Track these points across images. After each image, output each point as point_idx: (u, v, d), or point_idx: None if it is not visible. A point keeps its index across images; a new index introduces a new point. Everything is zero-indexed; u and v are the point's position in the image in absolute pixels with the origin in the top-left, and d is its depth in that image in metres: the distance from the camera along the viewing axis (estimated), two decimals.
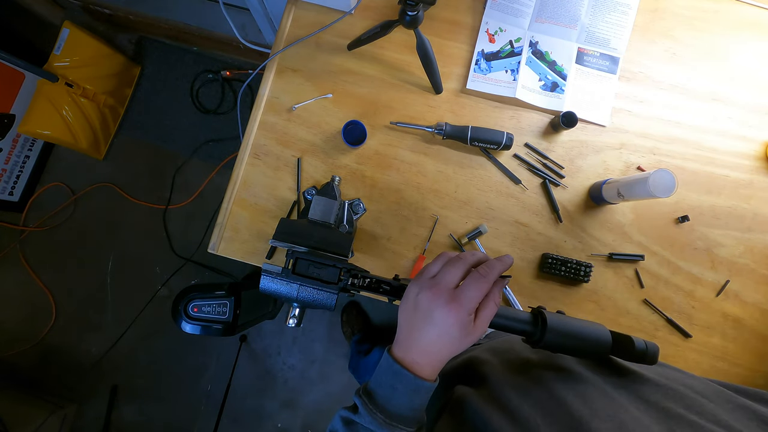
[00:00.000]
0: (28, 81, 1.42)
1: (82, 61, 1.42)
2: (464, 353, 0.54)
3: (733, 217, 0.72)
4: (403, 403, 0.37)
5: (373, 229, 0.73)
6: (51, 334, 1.63)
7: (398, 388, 0.37)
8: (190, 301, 1.09)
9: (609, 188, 0.68)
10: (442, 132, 0.71)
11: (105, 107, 1.55)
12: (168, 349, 1.63)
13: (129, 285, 1.65)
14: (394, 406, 0.37)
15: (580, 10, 0.74)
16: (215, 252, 0.72)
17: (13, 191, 1.57)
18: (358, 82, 0.75)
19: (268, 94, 0.75)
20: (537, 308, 0.43)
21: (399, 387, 0.37)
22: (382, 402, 0.38)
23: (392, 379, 0.38)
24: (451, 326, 0.36)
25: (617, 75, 0.74)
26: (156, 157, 1.66)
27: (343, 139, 0.71)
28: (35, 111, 1.37)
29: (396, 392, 0.37)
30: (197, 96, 1.65)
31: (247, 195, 0.73)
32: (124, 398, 1.62)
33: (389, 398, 0.38)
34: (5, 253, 1.63)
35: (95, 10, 1.53)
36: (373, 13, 0.76)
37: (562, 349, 0.41)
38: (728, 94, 0.74)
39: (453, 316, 0.35)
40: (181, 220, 1.65)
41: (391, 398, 0.38)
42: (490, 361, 0.48)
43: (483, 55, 0.75)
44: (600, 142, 0.74)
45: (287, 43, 0.75)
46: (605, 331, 0.42)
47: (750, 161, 0.73)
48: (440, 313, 0.36)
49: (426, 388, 0.37)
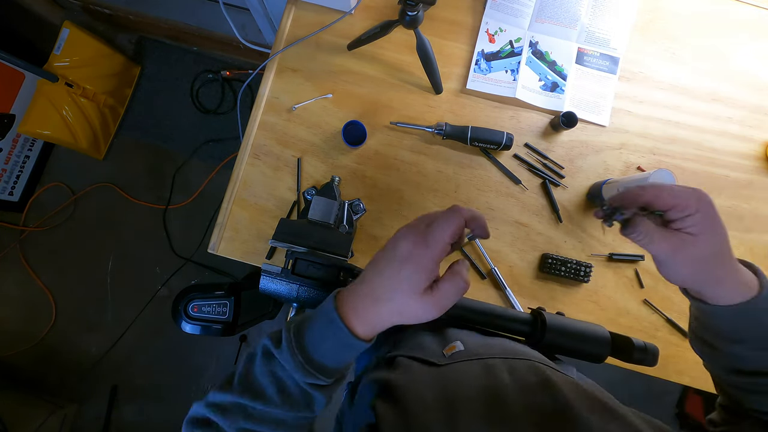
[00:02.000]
0: (28, 81, 1.42)
1: (82, 61, 1.42)
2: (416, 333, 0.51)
3: (733, 217, 0.72)
4: (328, 354, 0.34)
5: (373, 229, 0.73)
6: (51, 334, 1.63)
7: (329, 336, 0.34)
8: (190, 301, 1.10)
9: (609, 188, 0.68)
10: (442, 132, 0.71)
11: (105, 107, 1.55)
12: (168, 349, 1.63)
13: (129, 285, 1.65)
14: (319, 353, 0.34)
15: (580, 10, 0.74)
16: (215, 252, 0.72)
17: (13, 191, 1.57)
18: (358, 82, 0.75)
19: (268, 94, 0.75)
20: (537, 309, 0.43)
21: (330, 336, 0.34)
22: (308, 344, 0.34)
23: (326, 324, 0.34)
24: (408, 270, 0.31)
25: (617, 75, 0.74)
26: (156, 157, 1.66)
27: (343, 139, 0.71)
28: (35, 111, 1.37)
29: (325, 341, 0.34)
30: (197, 96, 1.65)
31: (247, 195, 0.73)
32: (124, 398, 1.62)
33: (316, 344, 0.34)
34: (5, 253, 1.63)
35: (95, 10, 1.53)
36: (373, 13, 0.76)
37: (562, 350, 0.41)
38: (728, 94, 0.74)
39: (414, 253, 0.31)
40: (181, 220, 1.65)
41: (319, 345, 0.34)
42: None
43: (483, 55, 0.75)
44: (600, 142, 0.74)
45: (287, 43, 0.75)
46: (605, 333, 0.42)
47: (750, 161, 0.73)
48: (400, 247, 0.32)
49: (356, 346, 0.34)
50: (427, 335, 0.53)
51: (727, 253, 0.32)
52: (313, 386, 0.34)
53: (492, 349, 0.46)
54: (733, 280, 0.32)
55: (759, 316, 0.31)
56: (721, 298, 0.32)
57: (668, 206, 0.32)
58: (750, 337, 0.32)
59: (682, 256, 0.31)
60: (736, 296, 0.31)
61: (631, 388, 1.51)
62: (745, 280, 0.32)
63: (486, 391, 0.37)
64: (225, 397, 0.35)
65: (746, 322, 0.32)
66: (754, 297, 0.31)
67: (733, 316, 0.32)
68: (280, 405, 0.34)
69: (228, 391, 0.35)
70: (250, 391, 0.35)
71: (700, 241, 0.31)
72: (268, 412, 0.34)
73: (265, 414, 0.34)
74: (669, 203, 0.32)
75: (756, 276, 0.33)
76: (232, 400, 0.35)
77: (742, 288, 0.31)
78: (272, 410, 0.34)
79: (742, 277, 0.32)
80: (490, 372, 0.41)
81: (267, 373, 0.35)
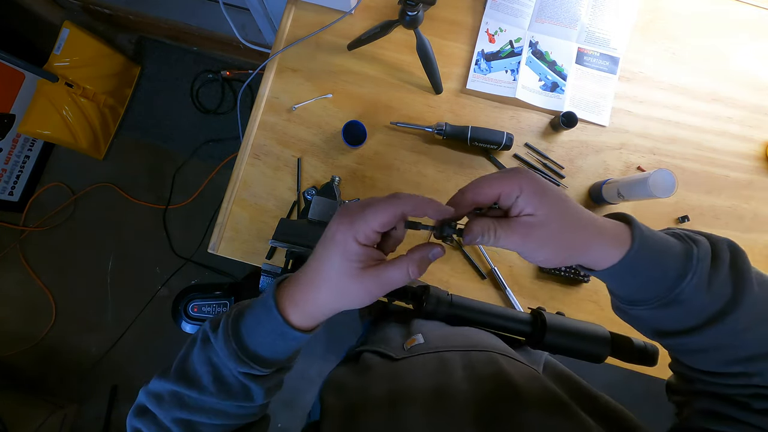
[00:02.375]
0: (28, 81, 1.42)
1: (82, 61, 1.42)
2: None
3: (733, 217, 0.72)
4: (263, 342, 0.32)
5: None
6: (51, 334, 1.63)
7: (264, 325, 0.32)
8: (190, 301, 1.10)
9: (609, 188, 0.68)
10: (442, 132, 0.71)
11: (105, 107, 1.55)
12: (168, 349, 1.63)
13: (129, 285, 1.65)
14: (254, 340, 0.32)
15: (580, 10, 0.74)
16: (215, 252, 0.72)
17: (13, 191, 1.57)
18: (358, 82, 0.75)
19: (268, 94, 0.75)
20: (537, 309, 0.43)
21: (265, 324, 0.32)
22: (243, 332, 0.32)
23: (263, 312, 0.32)
24: (336, 252, 0.29)
25: (617, 75, 0.74)
26: (156, 157, 1.66)
27: (343, 139, 0.71)
28: (35, 111, 1.37)
29: (260, 327, 0.32)
30: (197, 96, 1.65)
31: (247, 195, 0.73)
32: (124, 398, 1.62)
33: (252, 330, 0.32)
34: (5, 253, 1.63)
35: (95, 10, 1.53)
36: (373, 13, 0.76)
37: (562, 350, 0.41)
38: (728, 94, 0.74)
39: (339, 234, 0.29)
40: (181, 220, 1.65)
41: (254, 331, 0.32)
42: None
43: (483, 55, 0.75)
44: (600, 142, 0.74)
45: (287, 43, 0.75)
46: (605, 332, 0.42)
47: (750, 161, 0.73)
48: (331, 228, 0.30)
49: (291, 336, 0.31)
50: (395, 327, 0.53)
51: (580, 217, 0.28)
52: (247, 375, 0.32)
53: (452, 340, 0.46)
54: (601, 241, 0.28)
55: (640, 271, 0.28)
56: (600, 262, 0.29)
57: (493, 197, 0.29)
58: (643, 297, 0.29)
59: (533, 240, 0.28)
60: (613, 255, 0.28)
61: (631, 388, 1.51)
62: (617, 236, 0.28)
63: (435, 385, 0.37)
64: (162, 385, 0.33)
65: (631, 281, 0.29)
66: (628, 251, 0.27)
67: (617, 276, 0.29)
68: (215, 394, 0.32)
69: (165, 378, 0.33)
70: (186, 379, 0.33)
71: (540, 218, 0.28)
72: (204, 401, 0.32)
73: (202, 403, 0.32)
74: (492, 194, 0.29)
75: (629, 227, 0.29)
76: (169, 388, 0.33)
77: (615, 245, 0.28)
78: (208, 399, 0.32)
79: (612, 235, 0.28)
80: (444, 365, 0.40)
81: (204, 361, 0.33)
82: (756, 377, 0.27)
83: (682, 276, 0.27)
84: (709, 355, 0.28)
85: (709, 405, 0.29)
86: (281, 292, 0.32)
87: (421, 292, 0.50)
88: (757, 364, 0.27)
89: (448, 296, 0.49)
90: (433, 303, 0.48)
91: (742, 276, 0.27)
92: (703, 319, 0.27)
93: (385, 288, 0.29)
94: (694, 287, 0.26)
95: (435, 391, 0.37)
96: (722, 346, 0.27)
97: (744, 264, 0.27)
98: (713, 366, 0.29)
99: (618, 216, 0.31)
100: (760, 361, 0.27)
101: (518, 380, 0.36)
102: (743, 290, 0.26)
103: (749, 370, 0.27)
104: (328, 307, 0.31)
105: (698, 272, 0.26)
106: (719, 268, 0.27)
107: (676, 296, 0.27)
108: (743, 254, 0.28)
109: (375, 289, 0.29)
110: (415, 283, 0.55)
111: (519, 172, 0.28)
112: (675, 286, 0.27)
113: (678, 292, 0.27)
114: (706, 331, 0.27)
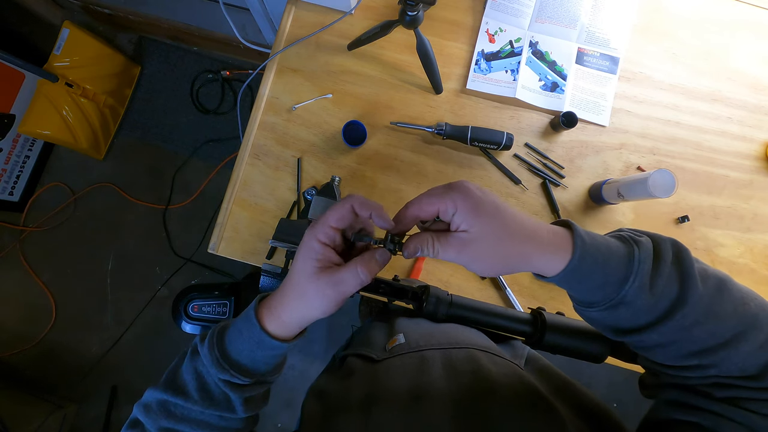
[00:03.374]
0: (28, 81, 1.42)
1: (82, 61, 1.42)
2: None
3: (733, 217, 0.72)
4: (242, 350, 0.34)
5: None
6: (51, 334, 1.63)
7: (243, 332, 0.34)
8: (190, 301, 1.10)
9: (609, 188, 0.68)
10: (442, 132, 0.71)
11: (105, 107, 1.55)
12: (168, 349, 1.63)
13: (129, 285, 1.64)
14: (234, 348, 0.34)
15: (580, 10, 0.74)
16: (215, 252, 0.72)
17: (13, 191, 1.57)
18: (358, 82, 0.75)
19: (268, 94, 0.75)
20: (537, 309, 0.43)
21: (244, 332, 0.34)
22: (227, 341, 0.34)
23: (244, 321, 0.34)
24: (301, 254, 0.32)
25: (617, 75, 0.74)
26: (156, 157, 1.66)
27: (343, 139, 0.71)
28: (35, 111, 1.37)
29: (240, 336, 0.34)
30: (197, 96, 1.65)
31: (247, 195, 0.73)
32: (124, 398, 1.61)
33: (233, 339, 0.34)
34: (5, 253, 1.63)
35: (95, 10, 1.53)
36: (373, 13, 0.76)
37: (562, 350, 0.41)
38: (728, 94, 0.74)
39: (306, 236, 0.31)
40: (181, 220, 1.65)
41: (235, 340, 0.34)
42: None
43: (483, 55, 0.75)
44: (600, 142, 0.74)
45: (287, 43, 0.75)
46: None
47: (750, 161, 0.73)
48: (304, 235, 0.32)
49: (268, 345, 0.33)
50: (377, 328, 0.54)
51: (516, 229, 0.29)
52: (228, 384, 0.33)
53: (433, 339, 0.46)
54: (542, 252, 0.29)
55: (585, 277, 0.29)
56: (545, 270, 0.29)
57: (432, 213, 0.30)
58: (594, 300, 0.30)
59: (467, 254, 0.29)
60: (557, 263, 0.29)
61: (631, 389, 1.50)
62: (558, 246, 0.29)
63: (414, 385, 0.38)
64: (152, 395, 0.35)
65: (578, 286, 0.30)
66: (570, 260, 0.28)
67: (565, 282, 0.30)
68: (199, 402, 0.33)
69: (156, 387, 0.35)
70: (173, 388, 0.34)
71: (474, 234, 0.29)
72: (188, 409, 0.34)
73: (186, 412, 0.34)
74: (431, 211, 0.30)
75: (571, 234, 0.29)
76: (158, 397, 0.34)
77: (557, 254, 0.29)
78: (192, 407, 0.33)
79: (553, 245, 0.29)
80: (424, 364, 0.41)
81: (191, 370, 0.34)
82: (712, 368, 0.28)
83: (625, 279, 0.28)
84: (666, 349, 0.29)
85: (674, 396, 0.31)
86: (262, 303, 0.34)
87: (421, 292, 0.50)
88: (710, 357, 0.28)
89: (448, 296, 0.49)
90: (433, 303, 0.48)
91: (687, 273, 0.28)
92: (654, 317, 0.28)
93: (339, 290, 0.31)
94: (637, 289, 0.27)
95: (413, 391, 0.37)
96: (676, 341, 0.28)
97: (687, 261, 0.28)
98: (671, 360, 0.30)
99: (561, 222, 0.32)
100: (712, 353, 0.27)
101: (496, 376, 0.37)
102: (688, 288, 0.27)
103: (703, 363, 0.28)
104: (296, 314, 0.33)
105: (639, 274, 0.27)
106: (660, 268, 0.28)
107: (622, 298, 0.28)
108: (686, 252, 0.29)
109: (329, 290, 0.31)
110: (415, 283, 0.55)
111: (455, 189, 0.30)
112: (619, 288, 0.28)
113: (623, 295, 0.28)
114: (658, 328, 0.28)
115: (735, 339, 0.27)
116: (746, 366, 0.27)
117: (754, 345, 0.27)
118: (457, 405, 0.35)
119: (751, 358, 0.27)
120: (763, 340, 0.27)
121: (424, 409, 0.35)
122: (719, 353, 0.27)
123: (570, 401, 0.35)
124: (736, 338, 0.27)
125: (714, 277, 0.28)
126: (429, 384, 0.38)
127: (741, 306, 0.27)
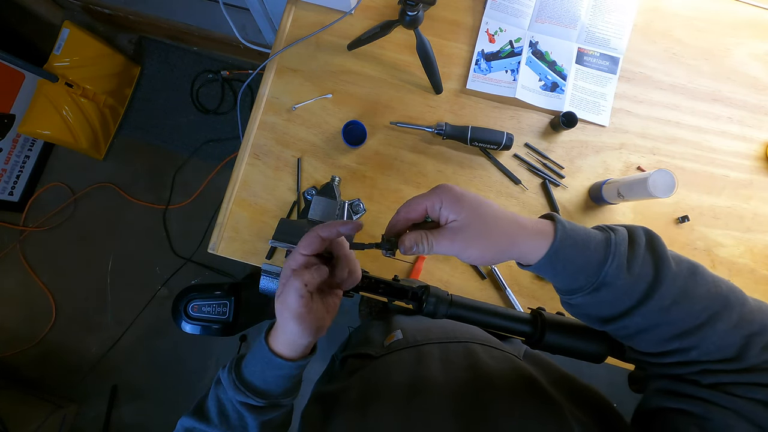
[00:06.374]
0: (28, 81, 1.42)
1: (82, 61, 1.42)
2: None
3: (733, 217, 0.72)
4: (254, 371, 0.37)
5: (372, 229, 0.72)
6: (51, 334, 1.63)
7: (256, 354, 0.38)
8: (190, 301, 1.10)
9: (609, 188, 0.68)
10: (442, 132, 0.71)
11: (105, 107, 1.55)
12: (168, 349, 1.63)
13: (129, 285, 1.64)
14: (248, 370, 0.38)
15: (580, 10, 0.74)
16: (215, 252, 0.72)
17: (13, 191, 1.57)
18: (358, 82, 0.75)
19: (268, 94, 0.75)
20: (537, 309, 0.43)
21: (257, 353, 0.38)
22: (244, 363, 0.38)
23: (257, 342, 0.38)
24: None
25: (617, 75, 0.74)
26: (156, 157, 1.66)
27: (343, 139, 0.71)
28: (35, 111, 1.37)
29: (253, 358, 0.38)
30: (197, 96, 1.65)
31: (247, 195, 0.73)
32: (124, 398, 1.61)
33: (249, 362, 0.38)
34: (5, 253, 1.63)
35: (95, 10, 1.53)
36: (373, 13, 0.76)
37: (562, 350, 0.41)
38: (728, 94, 0.74)
39: (284, 267, 0.36)
40: (181, 220, 1.65)
41: (250, 362, 0.38)
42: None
43: (483, 55, 0.75)
44: (600, 142, 0.74)
45: (287, 43, 0.75)
46: (605, 333, 0.41)
47: (750, 161, 0.73)
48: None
49: (276, 364, 0.37)
50: (375, 327, 0.55)
51: (499, 216, 0.31)
52: (243, 405, 0.37)
53: (431, 333, 0.47)
54: (525, 235, 0.31)
55: (568, 261, 0.30)
56: (529, 256, 0.31)
57: (422, 212, 0.33)
58: (577, 285, 0.31)
59: (459, 241, 0.31)
60: (540, 248, 0.31)
61: None
62: (541, 231, 0.31)
63: (412, 379, 0.39)
64: (182, 422, 0.39)
65: (562, 271, 0.31)
66: (552, 243, 0.30)
67: (549, 268, 0.31)
68: (218, 426, 0.37)
69: (186, 415, 0.40)
70: (199, 414, 0.39)
71: (462, 222, 0.31)
72: None
73: None
74: (420, 209, 0.33)
75: (552, 222, 0.32)
76: (185, 425, 0.39)
77: (539, 239, 0.31)
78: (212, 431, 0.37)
79: (535, 231, 0.31)
80: (422, 359, 0.43)
81: (214, 396, 0.39)
82: (693, 351, 0.29)
83: (604, 259, 0.29)
84: (649, 334, 0.30)
85: (663, 385, 0.31)
86: (270, 328, 0.39)
87: (421, 292, 0.50)
88: (690, 338, 0.29)
89: (448, 296, 0.49)
90: (432, 303, 0.48)
91: (660, 256, 0.29)
92: (635, 299, 0.29)
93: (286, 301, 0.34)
94: (616, 269, 0.29)
95: (411, 386, 0.39)
96: (656, 324, 0.29)
97: (660, 246, 0.30)
98: (654, 346, 0.31)
99: (543, 215, 0.34)
100: (691, 335, 0.28)
101: (494, 369, 0.39)
102: (662, 268, 0.29)
103: (684, 345, 0.29)
104: (281, 336, 0.36)
105: (617, 255, 0.29)
106: (636, 250, 0.30)
107: (603, 279, 0.29)
108: (658, 238, 0.31)
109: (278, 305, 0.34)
110: (415, 283, 0.54)
111: (438, 187, 0.33)
112: (599, 270, 0.29)
113: (603, 275, 0.29)
114: (639, 310, 0.29)
115: (711, 319, 0.28)
116: (724, 345, 0.28)
117: (729, 324, 0.28)
118: (456, 398, 0.36)
119: (728, 336, 0.28)
120: (736, 319, 0.28)
121: (423, 403, 0.36)
122: (697, 334, 0.28)
123: (568, 392, 0.36)
124: (712, 318, 0.28)
125: (686, 261, 0.30)
126: (427, 378, 0.39)
127: (714, 287, 0.29)
